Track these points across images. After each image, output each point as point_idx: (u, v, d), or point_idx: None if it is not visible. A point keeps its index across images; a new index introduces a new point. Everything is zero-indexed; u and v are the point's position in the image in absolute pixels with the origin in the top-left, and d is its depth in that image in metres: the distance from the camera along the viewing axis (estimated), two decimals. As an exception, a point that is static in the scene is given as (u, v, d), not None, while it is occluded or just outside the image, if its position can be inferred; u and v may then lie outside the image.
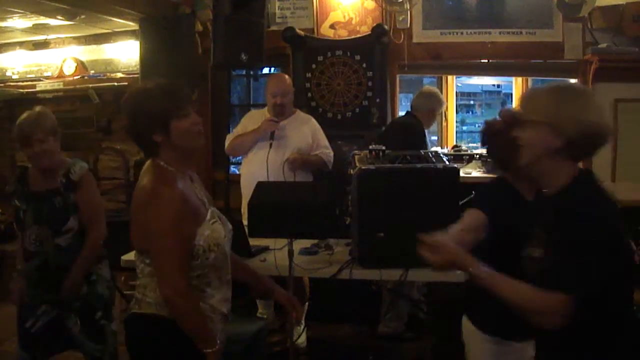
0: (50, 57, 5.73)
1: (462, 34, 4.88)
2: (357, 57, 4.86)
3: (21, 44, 5.77)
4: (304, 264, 2.95)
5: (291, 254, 2.75)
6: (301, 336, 3.83)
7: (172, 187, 1.94)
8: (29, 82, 5.69)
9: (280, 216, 2.66)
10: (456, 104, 5.69)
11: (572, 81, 5.00)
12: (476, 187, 3.02)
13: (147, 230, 1.93)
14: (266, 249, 3.13)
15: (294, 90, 4.01)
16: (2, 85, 5.76)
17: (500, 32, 4.83)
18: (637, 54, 4.50)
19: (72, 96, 5.58)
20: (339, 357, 3.95)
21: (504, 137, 1.89)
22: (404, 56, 4.88)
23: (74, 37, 5.59)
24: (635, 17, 4.53)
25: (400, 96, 5.17)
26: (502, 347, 2.25)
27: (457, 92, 5.72)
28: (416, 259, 1.79)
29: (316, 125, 3.97)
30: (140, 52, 4.79)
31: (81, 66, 5.58)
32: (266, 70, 5.47)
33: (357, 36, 4.91)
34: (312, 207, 2.68)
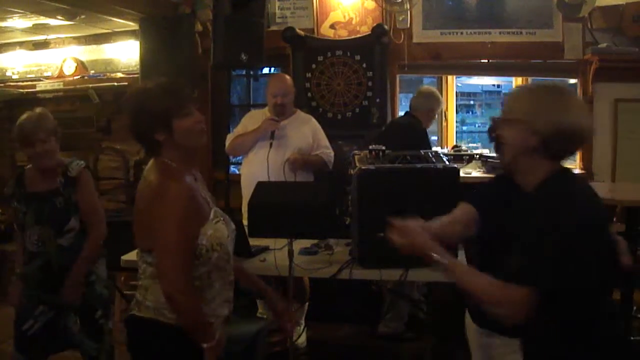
0: (50, 57, 5.73)
1: (462, 34, 4.88)
2: (357, 57, 4.86)
3: (21, 44, 5.78)
4: (304, 264, 2.95)
5: (291, 254, 2.75)
6: (301, 336, 3.83)
7: (179, 182, 1.93)
8: (29, 82, 5.70)
9: (280, 216, 2.66)
10: (456, 104, 5.67)
11: (572, 81, 5.02)
12: (476, 187, 3.01)
13: (152, 225, 1.91)
14: (266, 249, 3.13)
15: (295, 90, 4.01)
16: (2, 85, 5.76)
17: (500, 32, 4.84)
18: (637, 54, 4.51)
19: (72, 96, 5.59)
20: (339, 357, 3.95)
21: None
22: (404, 56, 4.88)
23: (74, 37, 5.60)
24: (635, 17, 4.54)
25: (400, 96, 5.17)
26: (492, 340, 2.24)
27: (457, 92, 5.71)
28: (416, 259, 1.79)
29: (317, 125, 3.97)
30: (140, 52, 4.80)
31: (81, 66, 5.58)
32: (266, 70, 5.47)
33: (357, 36, 4.91)
34: (312, 207, 2.67)
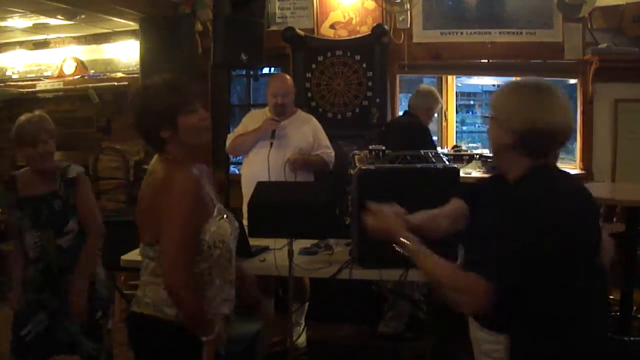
0: (50, 57, 5.74)
1: (462, 34, 4.89)
2: (357, 57, 4.86)
3: (21, 44, 5.79)
4: (304, 264, 2.95)
5: (291, 254, 2.74)
6: (301, 336, 3.82)
7: (187, 173, 1.94)
8: (29, 82, 5.70)
9: (280, 216, 2.66)
10: (456, 104, 5.68)
11: (572, 81, 5.02)
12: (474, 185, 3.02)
13: (158, 217, 1.90)
14: (266, 249, 3.12)
15: (295, 90, 4.00)
16: (2, 85, 5.77)
17: (500, 32, 4.84)
18: (637, 54, 4.51)
19: (72, 96, 5.59)
20: (339, 357, 3.95)
21: None
22: (404, 56, 4.89)
23: (74, 37, 5.61)
24: (635, 17, 4.54)
25: (400, 96, 5.17)
26: (482, 335, 2.23)
27: (457, 92, 5.72)
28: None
29: (317, 124, 3.96)
30: (140, 52, 4.80)
31: (81, 66, 5.58)
32: (266, 70, 5.47)
33: (357, 36, 4.91)
34: (312, 207, 2.67)
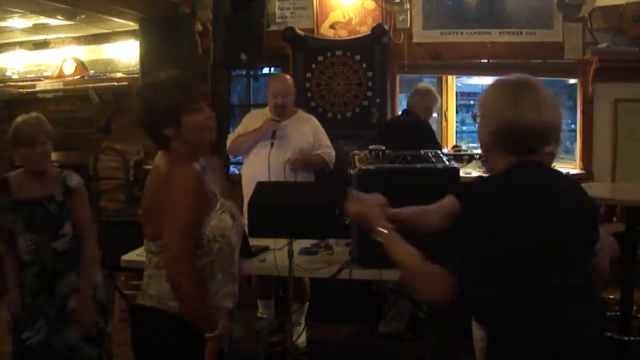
0: (50, 57, 5.74)
1: (462, 34, 4.88)
2: (357, 57, 4.86)
3: (21, 44, 5.78)
4: (304, 264, 2.95)
5: (291, 254, 2.75)
6: (301, 336, 3.82)
7: (188, 168, 1.94)
8: (29, 82, 5.70)
9: (280, 216, 2.66)
10: (456, 104, 5.67)
11: (572, 81, 5.02)
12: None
13: (161, 211, 1.91)
14: (266, 249, 3.12)
15: (295, 90, 4.00)
16: (2, 85, 5.76)
17: (500, 32, 4.84)
18: (637, 54, 4.51)
19: (72, 96, 5.59)
20: (339, 357, 3.95)
21: None
22: (404, 56, 4.89)
23: (74, 37, 5.60)
24: (635, 17, 4.54)
25: (400, 96, 5.17)
26: (479, 332, 2.24)
27: (457, 92, 5.71)
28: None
29: (317, 124, 3.96)
30: (140, 52, 4.79)
31: (81, 66, 5.58)
32: (266, 70, 5.47)
33: (357, 36, 4.91)
34: (312, 207, 2.67)
